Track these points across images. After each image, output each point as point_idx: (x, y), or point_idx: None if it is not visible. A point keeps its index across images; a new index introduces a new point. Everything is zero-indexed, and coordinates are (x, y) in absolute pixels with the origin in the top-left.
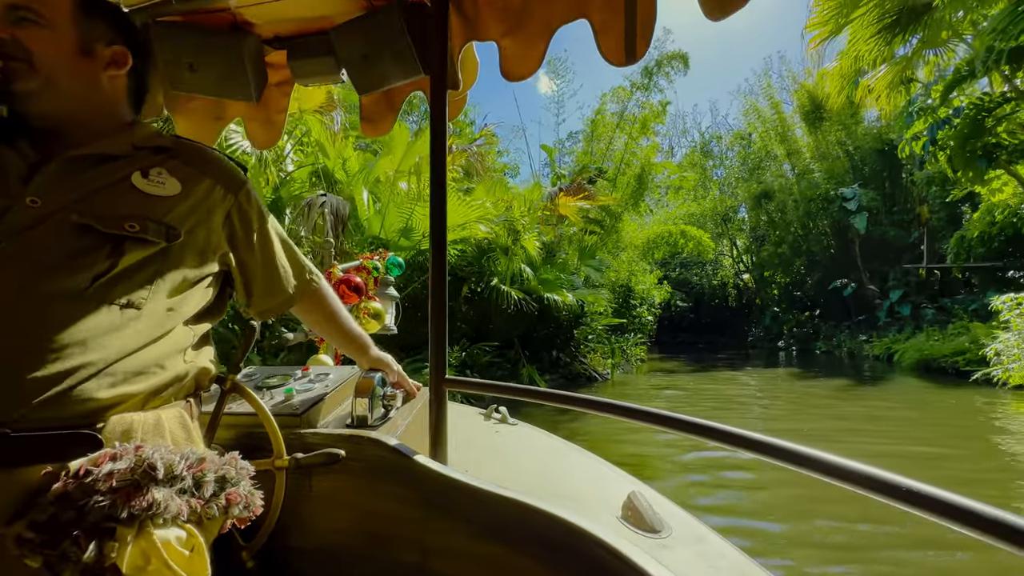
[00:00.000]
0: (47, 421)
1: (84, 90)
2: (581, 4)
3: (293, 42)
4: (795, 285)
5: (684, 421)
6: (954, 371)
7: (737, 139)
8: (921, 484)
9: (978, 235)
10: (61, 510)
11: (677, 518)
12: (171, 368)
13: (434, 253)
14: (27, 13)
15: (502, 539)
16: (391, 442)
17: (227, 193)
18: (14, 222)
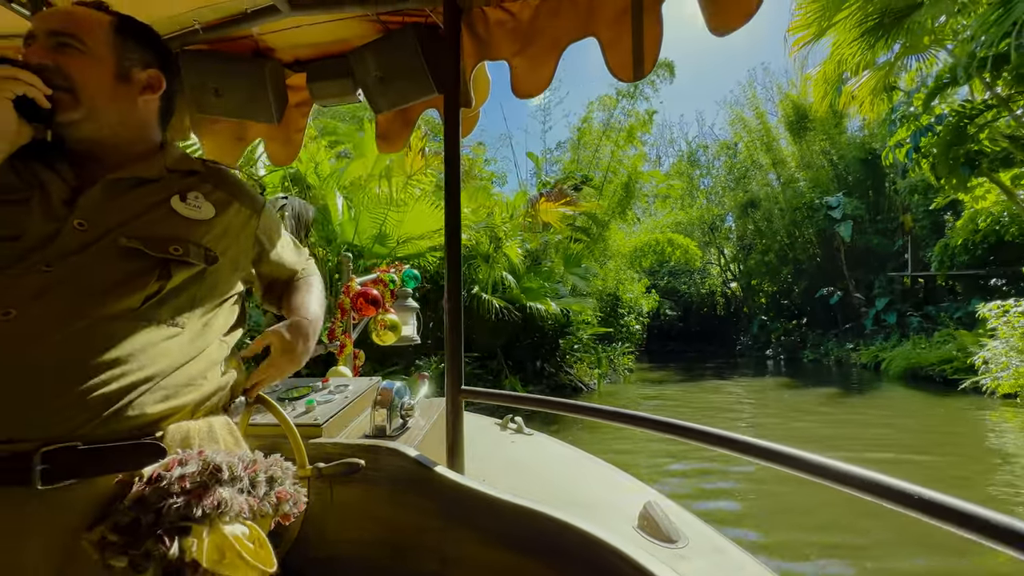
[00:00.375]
0: (111, 434)
1: (122, 115)
2: (589, 22)
3: (312, 65)
4: (782, 293)
5: (702, 432)
6: (942, 379)
7: (723, 149)
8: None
9: (962, 243)
10: (141, 513)
11: (694, 528)
12: (212, 380)
13: (449, 266)
14: (68, 39)
15: (520, 549)
16: (410, 452)
17: (252, 214)
18: (64, 245)
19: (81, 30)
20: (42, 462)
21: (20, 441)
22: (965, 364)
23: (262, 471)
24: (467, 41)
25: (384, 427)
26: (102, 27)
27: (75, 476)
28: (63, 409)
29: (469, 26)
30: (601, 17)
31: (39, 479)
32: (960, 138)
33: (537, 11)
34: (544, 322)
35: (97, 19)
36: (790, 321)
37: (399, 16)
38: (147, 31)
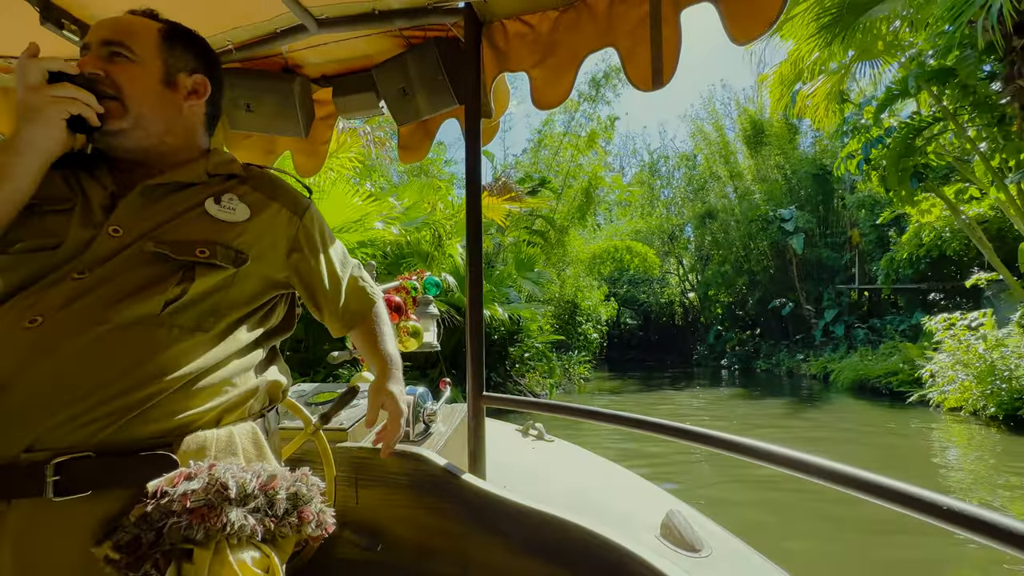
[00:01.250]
0: (126, 443)
1: (168, 122)
2: (608, 33)
3: (337, 80)
4: (737, 304)
5: (727, 441)
6: (888, 391)
7: (683, 160)
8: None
9: (906, 256)
10: (143, 531)
11: (716, 536)
12: (242, 384)
13: (471, 276)
14: (120, 48)
15: (542, 555)
16: (433, 457)
17: (293, 216)
18: (97, 252)
19: (130, 38)
20: (55, 473)
21: (39, 450)
22: (911, 376)
23: (282, 488)
24: (487, 54)
25: (408, 432)
26: (151, 34)
27: (87, 488)
28: (80, 417)
29: (489, 39)
30: (620, 28)
31: (51, 490)
32: (909, 151)
33: (556, 23)
34: (492, 329)
35: (146, 26)
36: (744, 331)
37: (421, 31)
38: (194, 37)
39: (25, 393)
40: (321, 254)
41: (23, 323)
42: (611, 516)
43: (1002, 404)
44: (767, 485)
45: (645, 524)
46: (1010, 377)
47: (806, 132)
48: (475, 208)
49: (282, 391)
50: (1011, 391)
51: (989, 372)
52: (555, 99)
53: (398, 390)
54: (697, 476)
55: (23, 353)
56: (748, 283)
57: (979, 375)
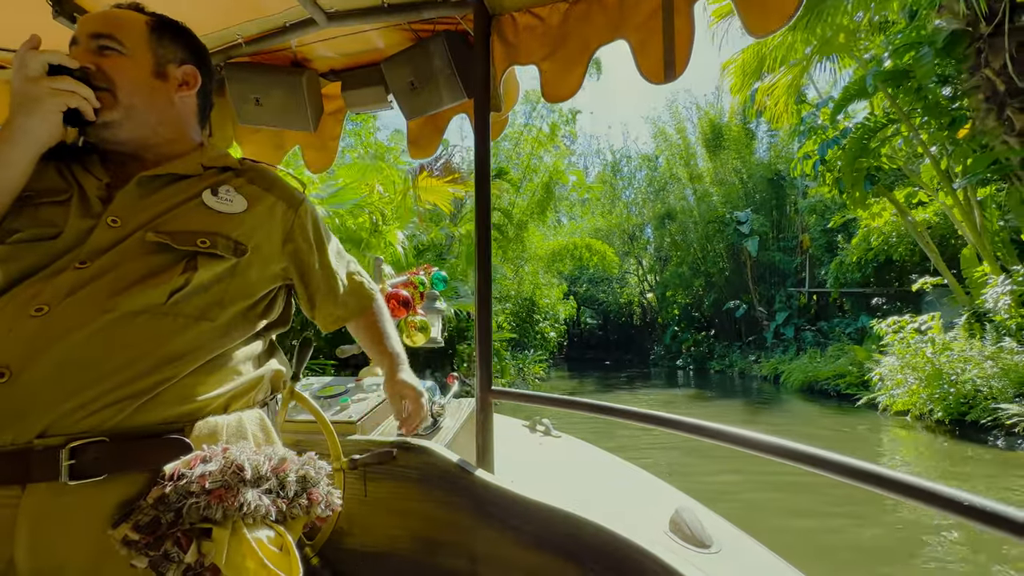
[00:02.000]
0: (139, 429)
1: (159, 112)
2: (619, 25)
3: (346, 74)
4: (694, 305)
5: (740, 436)
6: (836, 393)
7: (644, 161)
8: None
9: (856, 260)
10: (162, 512)
11: (725, 532)
12: (247, 374)
13: (479, 269)
14: (109, 42)
15: (550, 549)
16: (441, 451)
17: (288, 209)
18: (97, 242)
19: (119, 31)
20: (70, 457)
21: (52, 436)
22: (858, 379)
23: (292, 471)
24: (497, 47)
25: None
26: (139, 26)
27: (102, 472)
28: (91, 404)
29: (499, 32)
30: (631, 19)
31: (67, 474)
32: (863, 152)
33: (566, 15)
34: None
35: (134, 19)
36: (700, 332)
37: (430, 24)
38: (182, 29)
39: (36, 380)
40: (315, 247)
41: (29, 311)
42: (620, 510)
43: (948, 408)
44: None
45: (654, 520)
46: (956, 381)
47: (762, 139)
48: (484, 204)
49: (282, 382)
50: (958, 395)
51: (937, 376)
52: (566, 92)
53: (411, 379)
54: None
55: (31, 341)
56: (704, 284)
57: (927, 379)
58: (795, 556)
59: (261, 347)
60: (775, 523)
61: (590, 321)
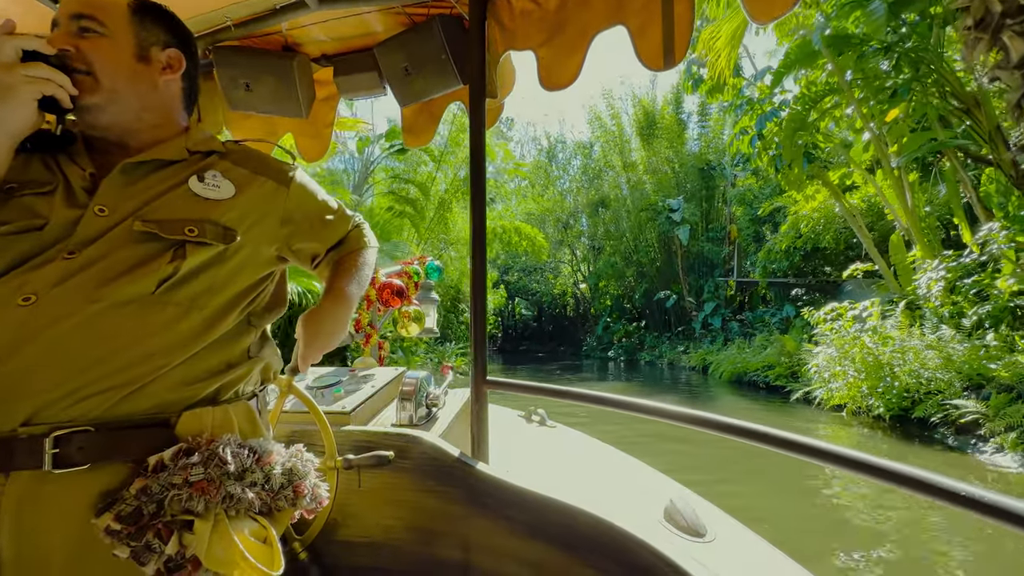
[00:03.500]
0: (124, 419)
1: (142, 97)
2: (618, 10)
3: (339, 59)
4: (625, 296)
5: (735, 426)
6: (765, 385)
7: (579, 148)
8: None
9: (785, 248)
10: (144, 503)
11: (720, 521)
12: (238, 364)
13: (474, 258)
14: (89, 23)
15: (544, 538)
16: (436, 442)
17: (279, 187)
18: (85, 232)
19: (100, 11)
20: (54, 446)
21: (37, 424)
22: (788, 370)
23: (278, 463)
24: (492, 32)
25: (411, 416)
26: (120, 7)
27: (86, 461)
28: (77, 392)
29: (495, 16)
30: (631, 4)
31: (51, 463)
32: (803, 125)
33: (564, 0)
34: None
35: (116, 0)
36: (631, 323)
37: (424, 8)
38: (165, 11)
39: (21, 368)
40: (314, 221)
41: (16, 301)
42: (614, 501)
43: (889, 403)
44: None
45: (648, 509)
46: (899, 373)
47: (694, 129)
48: (479, 191)
49: (272, 372)
50: (900, 389)
51: (877, 368)
52: (564, 80)
53: (329, 320)
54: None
55: (17, 330)
56: (636, 274)
57: (867, 370)
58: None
59: (252, 337)
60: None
61: (524, 312)
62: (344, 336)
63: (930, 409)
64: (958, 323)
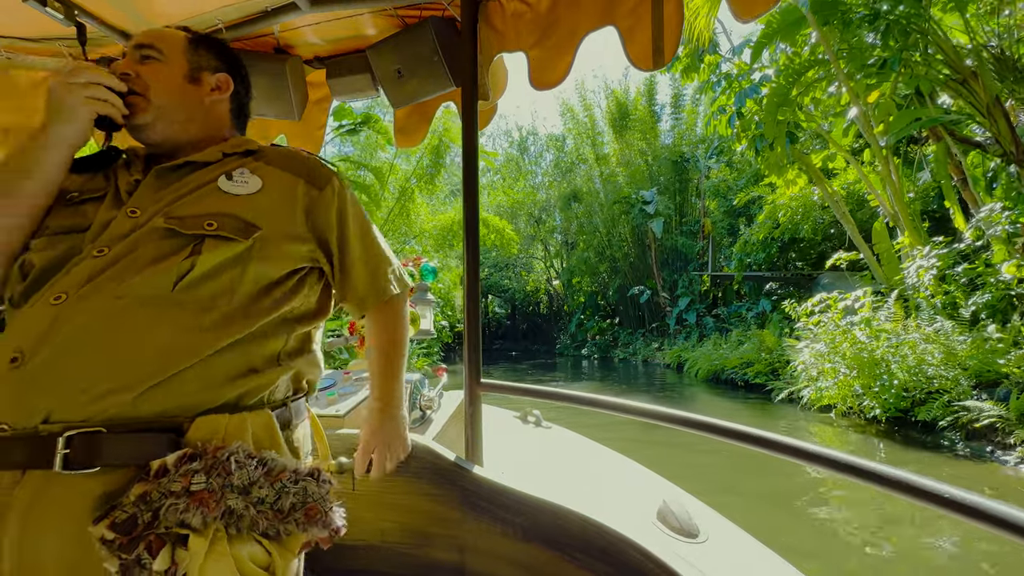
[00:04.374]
0: (136, 422)
1: (189, 112)
2: (608, 12)
3: (332, 61)
4: (599, 292)
5: (731, 429)
6: (744, 383)
7: (552, 141)
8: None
9: (762, 239)
10: (140, 511)
11: (713, 523)
12: (263, 370)
13: (468, 258)
14: (149, 51)
15: (538, 541)
16: (429, 444)
17: (311, 188)
18: (116, 231)
19: (160, 41)
20: (65, 446)
21: (54, 423)
22: (768, 367)
23: (291, 481)
24: (484, 34)
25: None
26: (178, 39)
27: (95, 463)
28: (91, 390)
29: (486, 19)
30: (620, 6)
31: (61, 463)
32: (786, 101)
33: (555, 2)
34: None
35: (175, 33)
36: (604, 320)
37: (416, 10)
38: (218, 42)
39: (44, 364)
40: (344, 228)
41: (50, 299)
42: (608, 502)
43: (887, 404)
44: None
45: (642, 510)
46: (897, 370)
47: (667, 121)
48: (472, 195)
49: (307, 382)
50: (899, 388)
51: (873, 364)
52: (554, 80)
53: (398, 429)
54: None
55: (45, 327)
56: (610, 270)
57: (861, 367)
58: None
59: (284, 343)
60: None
61: (498, 311)
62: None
63: (936, 411)
64: (951, 314)
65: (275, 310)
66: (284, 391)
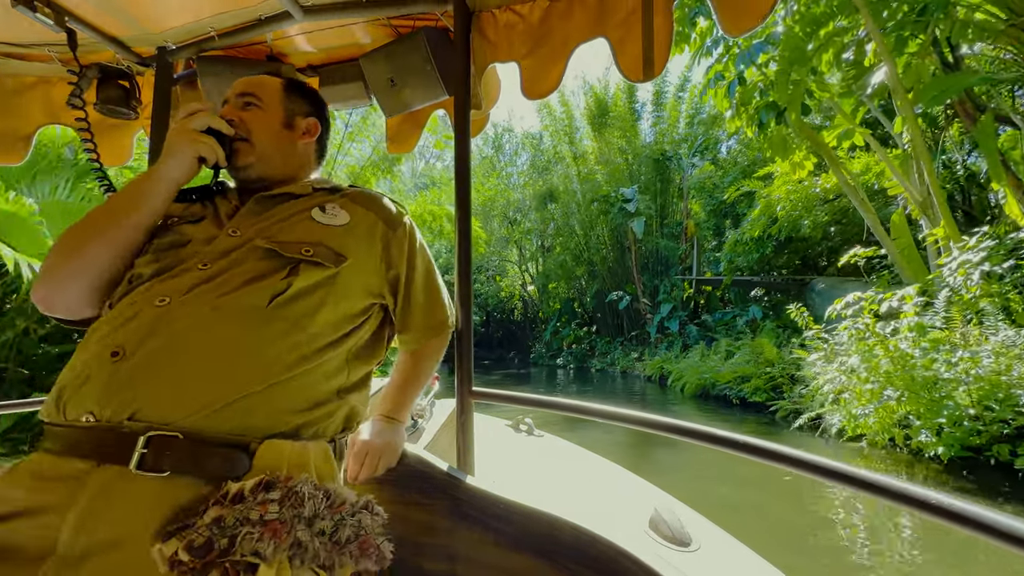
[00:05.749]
0: (210, 433)
1: (285, 155)
2: (599, 23)
3: (324, 70)
4: (576, 298)
5: (726, 438)
6: (740, 401)
7: (528, 139)
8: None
9: (756, 236)
10: (216, 536)
11: (705, 531)
12: (325, 401)
13: (460, 264)
14: (251, 99)
15: (530, 550)
16: (420, 452)
17: (387, 229)
18: (218, 248)
19: (259, 89)
20: (144, 445)
21: (138, 421)
22: (767, 383)
23: (349, 514)
24: (477, 44)
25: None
26: (275, 87)
27: (166, 467)
28: (177, 395)
29: (479, 29)
30: (611, 18)
31: (136, 462)
32: (801, 57)
33: (547, 13)
34: None
35: (272, 82)
36: (581, 328)
37: (409, 20)
38: (308, 88)
39: (138, 363)
40: (406, 264)
41: (155, 302)
42: (600, 511)
43: (950, 439)
44: None
45: (634, 518)
46: (963, 394)
47: (648, 118)
48: (464, 204)
49: (357, 421)
50: (971, 419)
51: (928, 386)
52: (545, 89)
53: (396, 441)
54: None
55: (147, 327)
56: (587, 274)
57: (911, 389)
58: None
59: (345, 378)
60: None
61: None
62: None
63: None
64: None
65: (343, 344)
66: (338, 425)
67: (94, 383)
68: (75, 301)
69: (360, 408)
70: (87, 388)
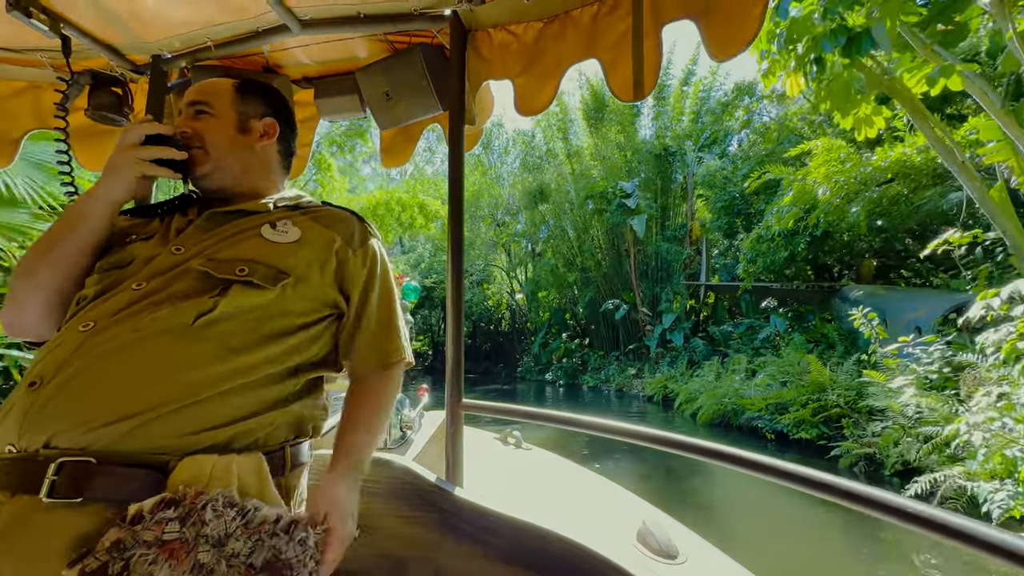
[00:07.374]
0: (124, 455)
1: (243, 161)
2: (591, 45)
3: (320, 82)
4: (567, 307)
5: (712, 450)
6: (774, 435)
7: (519, 137)
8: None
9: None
10: (112, 559)
11: (692, 544)
12: (262, 411)
13: (452, 277)
14: (203, 107)
15: (519, 564)
16: (409, 465)
17: (345, 246)
18: (155, 267)
19: (209, 96)
20: (54, 473)
21: (53, 448)
22: (816, 415)
23: (267, 534)
24: (472, 61)
25: (384, 439)
26: (226, 91)
27: (78, 494)
28: (92, 419)
29: (474, 47)
30: (603, 40)
31: (47, 490)
32: None
33: (541, 33)
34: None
35: (223, 85)
36: (572, 340)
37: (406, 36)
38: (263, 87)
39: (55, 389)
40: (367, 291)
41: (79, 327)
42: (588, 524)
43: None
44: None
45: (621, 531)
46: None
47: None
48: (457, 216)
49: (313, 427)
50: None
51: None
52: (538, 107)
53: (348, 499)
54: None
55: (67, 353)
56: (580, 281)
57: None
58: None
59: (293, 387)
60: None
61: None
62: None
63: None
64: None
65: (287, 356)
66: (283, 434)
67: (14, 414)
68: (36, 325)
69: (314, 413)
70: (8, 420)
